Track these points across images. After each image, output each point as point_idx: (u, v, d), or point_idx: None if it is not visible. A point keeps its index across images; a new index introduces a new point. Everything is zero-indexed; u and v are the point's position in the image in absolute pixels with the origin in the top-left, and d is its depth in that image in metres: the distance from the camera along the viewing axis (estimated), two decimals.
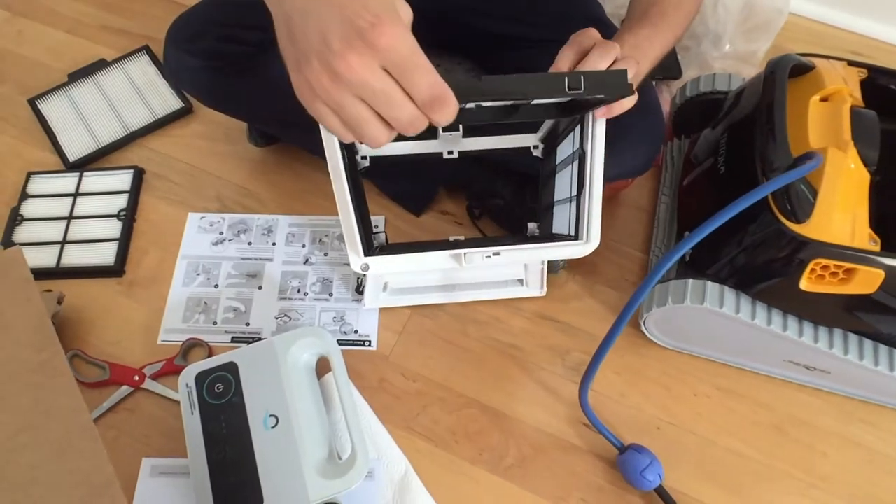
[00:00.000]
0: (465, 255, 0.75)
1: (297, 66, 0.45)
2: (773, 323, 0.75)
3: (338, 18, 0.42)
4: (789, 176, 0.64)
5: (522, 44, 0.91)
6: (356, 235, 0.72)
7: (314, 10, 0.43)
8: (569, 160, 0.77)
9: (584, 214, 0.72)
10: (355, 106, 0.44)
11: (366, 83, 0.43)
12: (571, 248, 0.74)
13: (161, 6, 1.18)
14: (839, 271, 0.70)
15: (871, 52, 1.14)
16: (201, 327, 0.87)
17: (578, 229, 0.74)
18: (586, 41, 0.63)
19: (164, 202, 0.97)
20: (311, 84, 0.44)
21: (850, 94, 0.75)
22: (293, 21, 0.44)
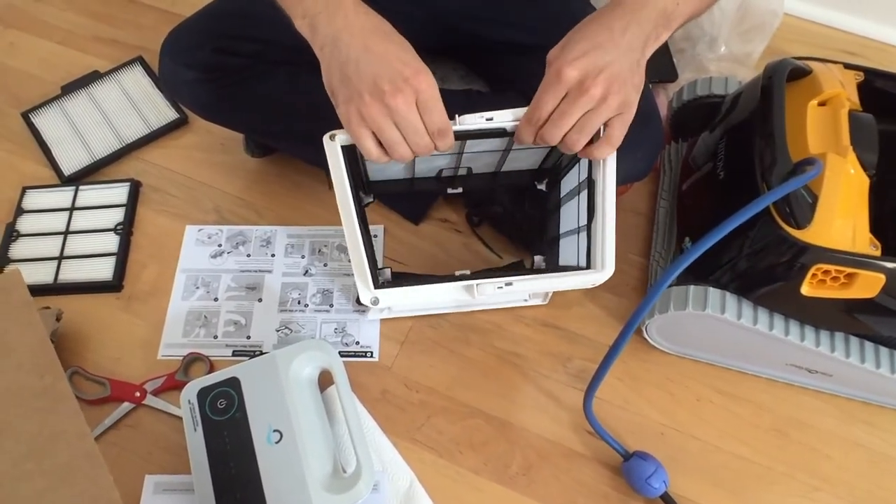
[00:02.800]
0: (476, 287, 0.74)
1: (348, 99, 0.59)
2: (775, 328, 0.76)
3: (387, 68, 0.58)
4: (792, 184, 0.64)
5: (516, 49, 0.91)
6: (366, 269, 0.72)
7: (367, 60, 0.58)
8: (575, 191, 0.77)
9: (598, 242, 0.71)
10: (392, 131, 0.60)
11: (405, 115, 0.59)
12: (585, 277, 0.73)
13: (154, 16, 1.18)
14: (840, 276, 0.70)
15: (867, 52, 1.14)
16: (202, 341, 0.86)
17: (591, 258, 0.73)
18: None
19: (162, 215, 0.96)
20: (361, 113, 0.59)
21: (847, 99, 0.75)
22: (348, 67, 0.59)
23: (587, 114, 0.60)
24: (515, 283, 0.73)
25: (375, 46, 0.59)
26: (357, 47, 0.59)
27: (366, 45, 0.59)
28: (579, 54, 0.58)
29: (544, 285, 0.76)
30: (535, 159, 0.83)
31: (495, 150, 0.76)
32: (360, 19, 0.60)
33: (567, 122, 0.60)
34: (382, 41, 0.59)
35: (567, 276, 0.74)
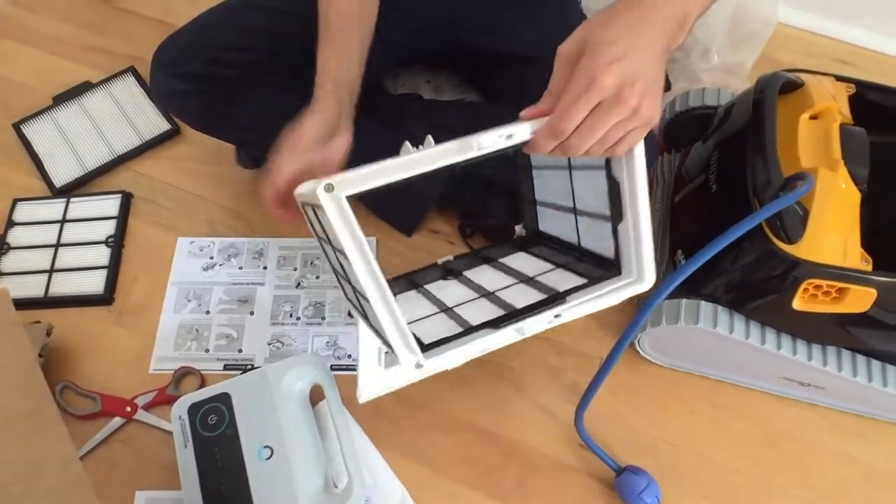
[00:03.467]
0: (527, 328, 0.65)
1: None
2: (767, 342, 0.76)
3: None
4: (783, 201, 0.64)
5: (511, 60, 0.91)
6: (405, 328, 0.58)
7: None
8: (560, 164, 0.69)
9: (632, 248, 0.64)
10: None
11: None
12: (630, 288, 0.66)
13: (146, 25, 1.17)
14: (832, 290, 0.70)
15: (859, 61, 1.14)
16: (193, 355, 0.86)
17: (622, 262, 0.66)
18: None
19: (153, 227, 0.96)
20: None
21: (839, 112, 0.75)
22: None
23: (616, 124, 0.52)
24: (564, 314, 0.66)
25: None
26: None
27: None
28: (613, 59, 0.49)
29: (590, 308, 0.67)
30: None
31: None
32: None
33: (597, 136, 0.51)
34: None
35: (611, 290, 0.66)
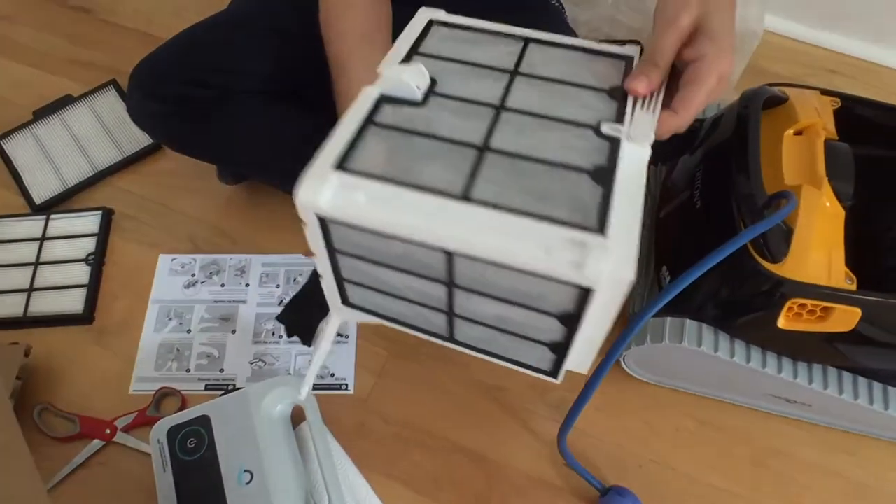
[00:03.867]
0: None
1: None
2: (753, 360, 0.75)
3: None
4: (767, 223, 0.63)
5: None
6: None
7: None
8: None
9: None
10: None
11: None
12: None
13: (128, 37, 1.16)
14: (816, 309, 0.69)
15: (848, 70, 1.14)
16: (174, 375, 0.85)
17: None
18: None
19: (134, 244, 0.95)
20: None
21: (823, 128, 0.75)
22: None
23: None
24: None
25: None
26: None
27: None
28: (730, 52, 0.48)
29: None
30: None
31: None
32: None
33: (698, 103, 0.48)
34: None
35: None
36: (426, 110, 0.45)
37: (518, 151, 0.42)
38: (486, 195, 0.39)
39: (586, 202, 0.39)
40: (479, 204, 0.38)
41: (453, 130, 0.44)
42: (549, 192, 0.40)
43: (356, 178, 0.40)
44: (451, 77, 0.48)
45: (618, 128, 0.44)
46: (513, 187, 0.40)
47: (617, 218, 0.38)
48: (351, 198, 0.39)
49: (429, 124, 0.44)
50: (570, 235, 0.37)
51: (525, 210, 0.38)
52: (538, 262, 0.37)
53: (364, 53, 0.66)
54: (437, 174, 0.40)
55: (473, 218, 0.38)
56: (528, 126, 0.44)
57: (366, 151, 0.42)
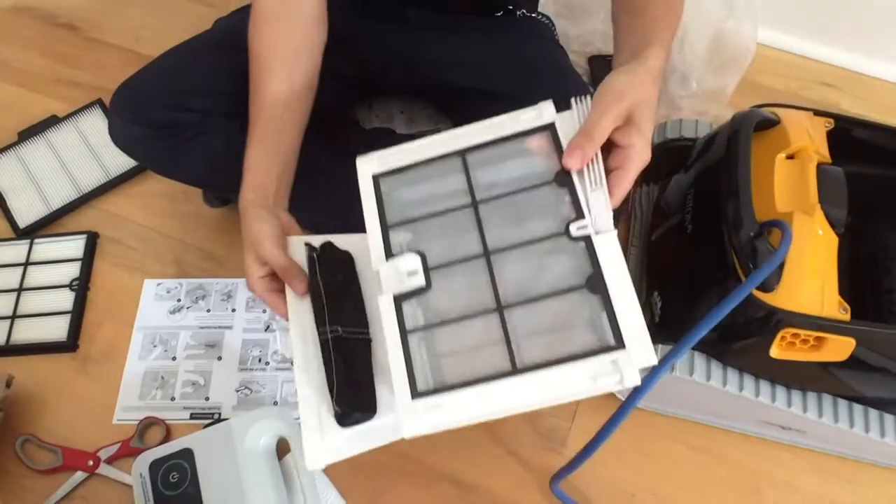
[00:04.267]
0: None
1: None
2: (745, 389, 0.73)
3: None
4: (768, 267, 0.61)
5: (479, 95, 0.89)
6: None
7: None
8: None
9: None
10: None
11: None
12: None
13: (115, 55, 1.15)
14: (810, 339, 0.68)
15: (843, 83, 1.12)
16: (158, 404, 0.83)
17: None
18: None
19: (119, 268, 0.94)
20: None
21: (815, 151, 0.73)
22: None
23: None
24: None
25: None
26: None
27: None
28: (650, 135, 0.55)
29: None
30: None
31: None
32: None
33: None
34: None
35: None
36: (435, 291, 0.51)
37: (525, 297, 0.50)
38: (527, 355, 0.48)
39: (595, 319, 0.48)
40: (528, 370, 0.47)
41: (468, 301, 0.51)
42: (567, 323, 0.48)
43: (431, 398, 0.47)
44: (429, 239, 0.53)
45: (584, 224, 0.50)
46: (538, 331, 0.49)
47: (624, 320, 0.47)
48: (438, 413, 0.47)
49: (446, 306, 0.51)
50: (604, 362, 0.46)
51: (562, 357, 0.46)
52: (589, 391, 0.46)
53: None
54: (484, 357, 0.48)
55: (530, 383, 0.47)
56: (517, 261, 0.51)
57: (421, 365, 0.49)
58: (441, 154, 0.56)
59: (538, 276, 0.50)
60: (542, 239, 0.51)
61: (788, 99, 1.11)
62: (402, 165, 0.57)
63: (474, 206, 0.54)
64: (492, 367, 0.48)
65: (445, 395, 0.47)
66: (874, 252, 0.84)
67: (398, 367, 0.49)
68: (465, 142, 0.56)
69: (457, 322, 0.50)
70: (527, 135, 0.56)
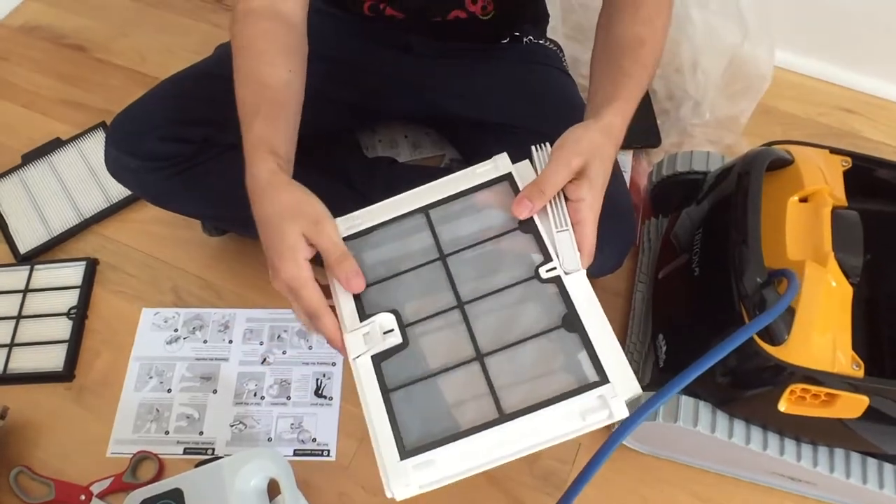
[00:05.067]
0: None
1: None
2: (753, 441, 0.70)
3: (269, 253, 0.55)
4: (769, 315, 0.59)
5: (480, 125, 0.87)
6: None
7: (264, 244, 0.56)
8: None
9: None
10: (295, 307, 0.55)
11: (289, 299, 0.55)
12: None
13: (122, 76, 1.14)
14: (821, 394, 0.64)
15: (865, 109, 1.08)
16: (152, 437, 0.83)
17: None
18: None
19: (118, 296, 0.93)
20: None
21: (830, 195, 0.70)
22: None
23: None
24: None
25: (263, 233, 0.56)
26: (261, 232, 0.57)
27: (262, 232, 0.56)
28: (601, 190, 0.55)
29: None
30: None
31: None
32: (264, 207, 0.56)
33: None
34: (267, 228, 0.55)
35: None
36: (413, 347, 0.51)
37: (503, 343, 0.50)
38: (512, 401, 0.47)
39: (577, 358, 0.48)
40: (516, 416, 0.46)
41: (447, 354, 0.50)
42: (548, 365, 0.48)
43: (420, 455, 0.47)
44: (402, 297, 0.53)
45: (552, 267, 0.51)
46: (521, 376, 0.48)
47: (604, 354, 0.48)
48: (429, 470, 0.46)
49: (426, 361, 0.50)
50: (590, 399, 0.46)
51: (547, 399, 0.46)
52: (580, 430, 0.46)
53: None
54: (470, 408, 0.48)
55: (520, 429, 0.46)
56: (492, 310, 0.51)
57: (407, 423, 0.48)
58: (405, 212, 0.57)
59: (514, 322, 0.51)
60: (513, 285, 0.52)
61: (807, 125, 1.07)
62: (368, 227, 0.57)
63: (443, 260, 0.54)
64: (479, 416, 0.47)
65: (435, 450, 0.47)
66: (892, 292, 0.80)
67: (383, 427, 0.49)
68: (429, 198, 0.57)
69: (438, 375, 0.50)
70: (486, 186, 0.57)
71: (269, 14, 0.68)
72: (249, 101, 0.63)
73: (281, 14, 0.68)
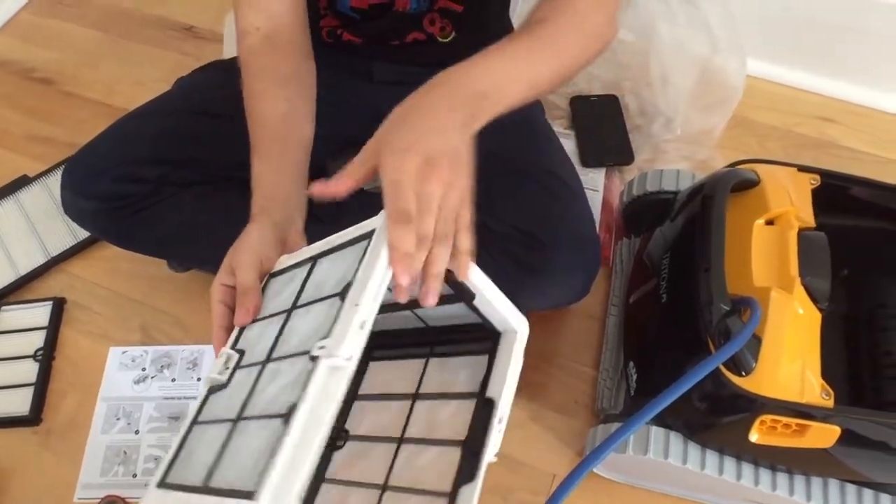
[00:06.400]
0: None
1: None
2: (726, 472, 0.68)
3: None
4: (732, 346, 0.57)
5: None
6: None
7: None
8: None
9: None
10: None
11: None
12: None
13: (89, 110, 1.13)
14: (792, 424, 0.62)
15: (842, 117, 1.06)
16: (120, 481, 0.81)
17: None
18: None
19: (85, 336, 0.92)
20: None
21: (797, 217, 0.68)
22: None
23: (443, 203, 0.47)
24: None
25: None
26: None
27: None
28: (412, 141, 0.49)
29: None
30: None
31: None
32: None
33: (433, 205, 0.46)
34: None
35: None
36: (230, 391, 0.48)
37: (257, 413, 0.45)
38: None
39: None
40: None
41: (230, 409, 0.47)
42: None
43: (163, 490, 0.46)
44: (254, 341, 0.51)
45: (323, 346, 0.42)
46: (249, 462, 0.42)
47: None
48: None
49: (231, 408, 0.47)
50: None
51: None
52: None
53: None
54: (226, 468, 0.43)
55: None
56: (281, 372, 0.45)
57: (183, 458, 0.47)
58: (304, 258, 0.54)
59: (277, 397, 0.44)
60: (296, 354, 0.45)
61: (784, 136, 1.05)
62: (280, 268, 0.56)
63: (289, 312, 0.50)
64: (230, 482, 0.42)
65: (174, 493, 0.45)
66: (872, 308, 0.78)
67: (171, 451, 0.48)
68: (327, 246, 0.52)
69: (227, 425, 0.46)
70: (361, 239, 0.50)
71: (265, 47, 0.70)
72: (252, 140, 0.67)
73: (277, 40, 0.70)
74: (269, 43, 0.70)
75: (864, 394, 0.75)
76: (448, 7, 0.78)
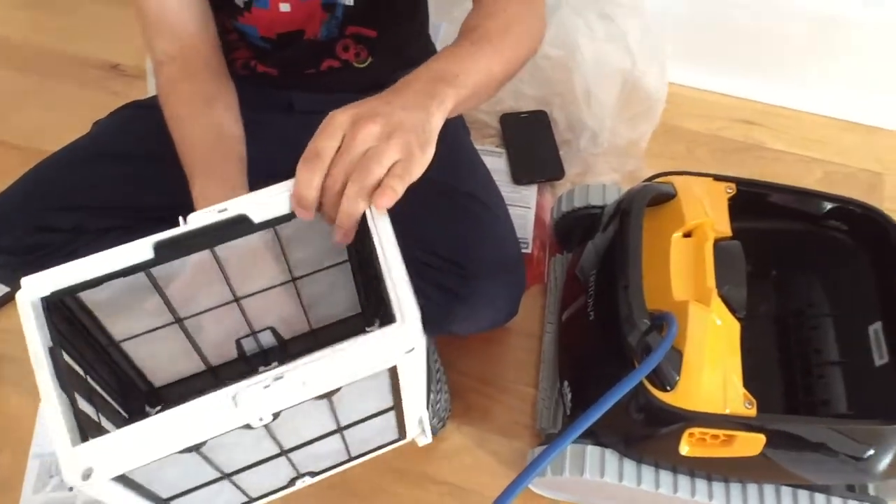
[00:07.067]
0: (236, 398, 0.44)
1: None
2: (662, 485, 0.69)
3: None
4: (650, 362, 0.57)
5: None
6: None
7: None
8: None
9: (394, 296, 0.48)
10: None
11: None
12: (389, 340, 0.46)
13: (16, 155, 1.11)
14: (720, 435, 0.63)
15: (765, 119, 1.08)
16: None
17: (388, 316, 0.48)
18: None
19: (16, 391, 0.89)
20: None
21: (712, 228, 0.69)
22: None
23: (367, 154, 0.48)
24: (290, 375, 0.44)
25: None
26: None
27: None
28: (353, 107, 0.51)
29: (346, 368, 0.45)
30: (351, 299, 0.66)
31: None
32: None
33: (348, 157, 0.48)
34: None
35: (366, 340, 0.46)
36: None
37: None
38: None
39: None
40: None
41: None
42: None
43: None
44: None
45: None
46: None
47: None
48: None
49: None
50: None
51: None
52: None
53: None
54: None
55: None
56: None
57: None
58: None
59: None
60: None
61: (711, 141, 1.07)
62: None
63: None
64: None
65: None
66: (800, 308, 0.80)
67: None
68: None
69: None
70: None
71: (182, 73, 0.69)
72: (187, 164, 0.66)
73: (193, 64, 0.70)
74: (186, 68, 0.70)
75: (797, 394, 0.76)
76: (360, 33, 0.77)
